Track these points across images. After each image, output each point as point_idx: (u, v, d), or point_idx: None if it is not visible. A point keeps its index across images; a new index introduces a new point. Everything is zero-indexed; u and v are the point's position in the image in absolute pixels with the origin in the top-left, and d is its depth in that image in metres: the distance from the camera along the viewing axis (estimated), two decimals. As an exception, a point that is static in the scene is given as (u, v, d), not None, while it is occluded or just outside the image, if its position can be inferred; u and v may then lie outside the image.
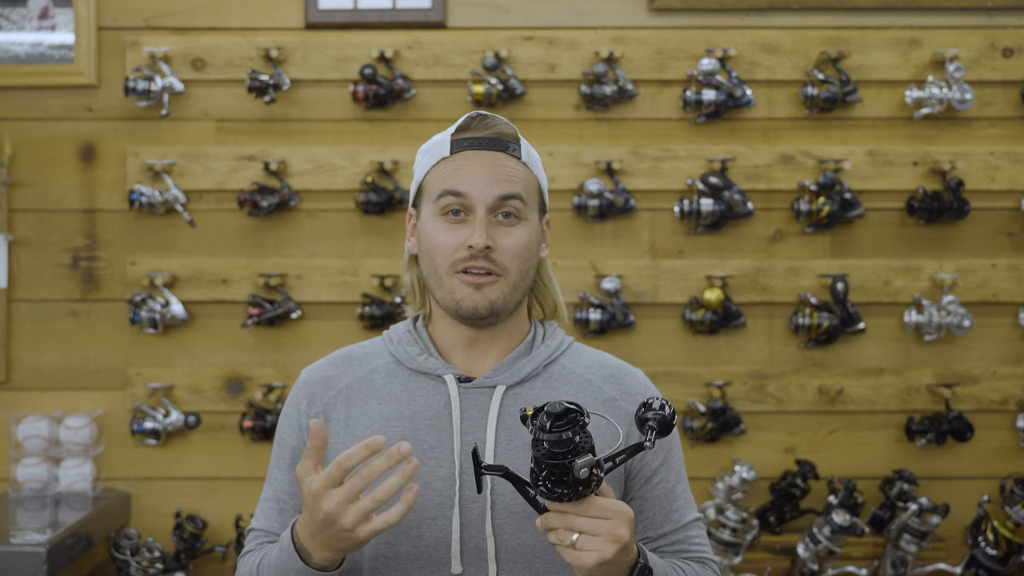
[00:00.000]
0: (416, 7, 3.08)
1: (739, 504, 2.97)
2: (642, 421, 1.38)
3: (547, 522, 1.34)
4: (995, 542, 2.81)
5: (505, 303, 1.56)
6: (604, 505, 1.33)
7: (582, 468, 1.29)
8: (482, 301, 1.54)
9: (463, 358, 1.61)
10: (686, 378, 3.08)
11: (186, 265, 3.07)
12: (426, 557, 1.51)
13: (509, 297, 1.56)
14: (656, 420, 1.37)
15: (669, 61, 3.09)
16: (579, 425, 1.30)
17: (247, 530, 1.65)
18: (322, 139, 3.10)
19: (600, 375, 1.63)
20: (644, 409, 1.39)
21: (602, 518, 1.33)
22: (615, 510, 1.34)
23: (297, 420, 1.62)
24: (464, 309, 1.55)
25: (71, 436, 2.99)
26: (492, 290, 1.54)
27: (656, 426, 1.37)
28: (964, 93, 3.02)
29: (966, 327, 3.01)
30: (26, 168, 3.10)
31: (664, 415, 1.37)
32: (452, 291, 1.55)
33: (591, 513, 1.33)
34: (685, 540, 1.60)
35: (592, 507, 1.33)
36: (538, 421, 1.31)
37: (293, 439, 1.62)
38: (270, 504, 1.63)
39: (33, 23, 3.08)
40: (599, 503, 1.33)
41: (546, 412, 1.30)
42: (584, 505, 1.33)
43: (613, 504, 1.34)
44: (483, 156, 1.58)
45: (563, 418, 1.30)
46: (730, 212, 3.03)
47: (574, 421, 1.30)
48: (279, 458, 1.64)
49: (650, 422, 1.37)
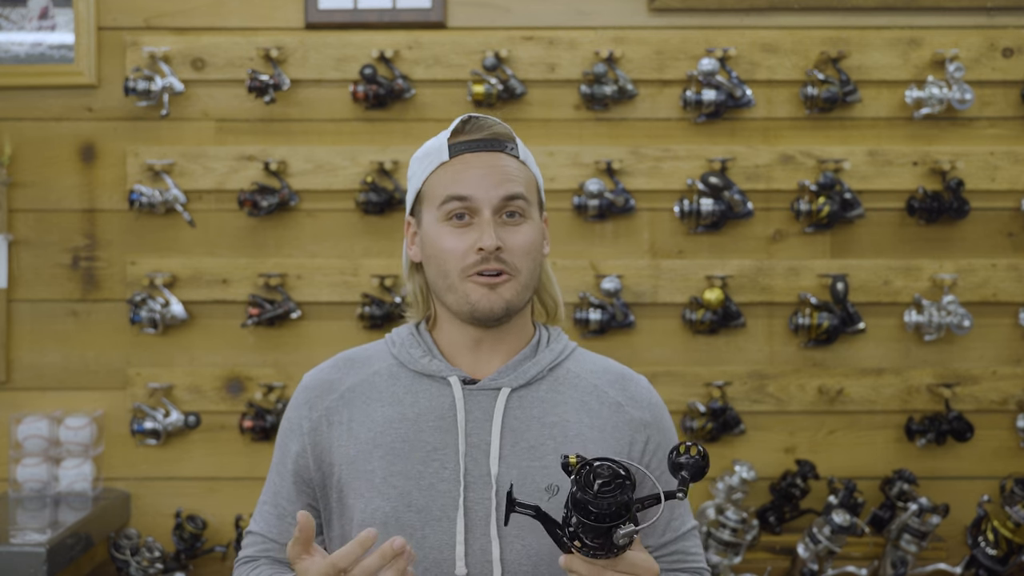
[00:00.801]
0: (416, 7, 3.08)
1: (739, 504, 2.97)
2: (676, 467, 1.35)
3: (572, 565, 1.33)
4: (995, 542, 2.81)
5: (519, 301, 1.57)
6: (635, 562, 1.32)
7: (623, 537, 1.28)
8: (498, 301, 1.54)
9: (468, 361, 1.61)
10: (686, 378, 3.08)
11: (186, 265, 3.07)
12: (431, 559, 1.51)
13: (521, 295, 1.57)
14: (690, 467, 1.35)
15: (669, 61, 3.09)
16: (625, 489, 1.27)
17: (245, 532, 1.65)
18: (322, 139, 3.10)
19: (605, 380, 1.63)
20: (676, 454, 1.36)
21: (632, 574, 1.32)
22: (644, 567, 1.33)
23: (299, 425, 1.62)
24: (480, 311, 1.54)
25: (71, 436, 2.99)
26: (506, 289, 1.55)
27: (689, 474, 1.34)
28: (964, 93, 3.02)
29: (966, 327, 3.01)
30: (26, 168, 3.10)
31: (697, 460, 1.35)
32: (467, 295, 1.55)
33: (620, 568, 1.32)
34: (683, 550, 1.61)
35: (622, 563, 1.32)
36: (582, 479, 1.28)
37: (295, 445, 1.61)
38: (269, 509, 1.63)
39: (33, 23, 3.08)
40: (629, 559, 1.32)
41: (595, 473, 1.28)
42: (617, 560, 1.31)
43: (643, 560, 1.33)
44: (482, 158, 1.57)
45: (611, 483, 1.27)
46: (730, 212, 3.03)
47: (621, 487, 1.27)
48: (280, 463, 1.63)
49: (683, 470, 1.35)
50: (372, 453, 1.55)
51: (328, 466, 1.58)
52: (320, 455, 1.59)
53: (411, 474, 1.52)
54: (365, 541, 1.33)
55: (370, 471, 1.54)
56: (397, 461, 1.53)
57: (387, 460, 1.54)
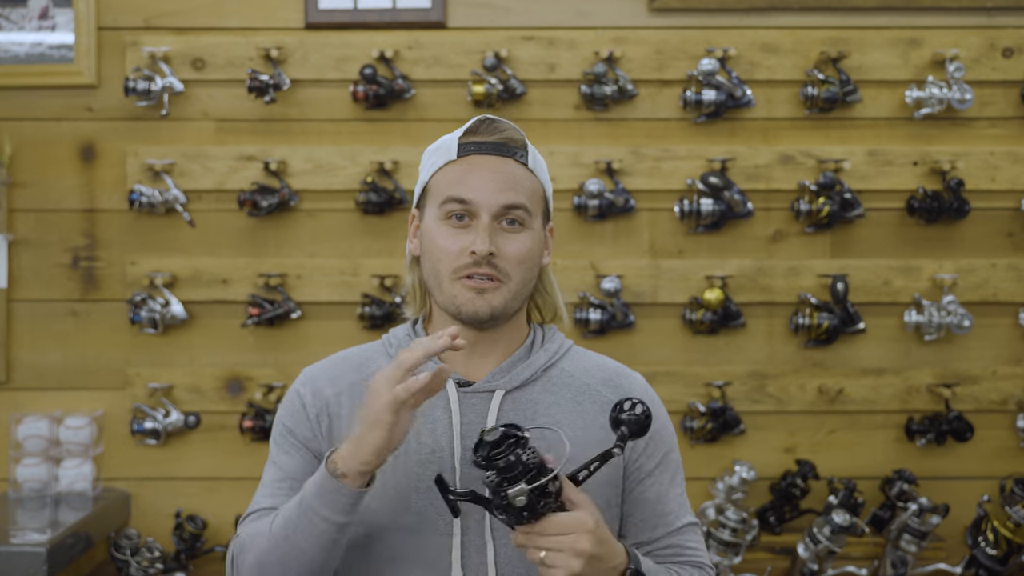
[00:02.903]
0: (416, 7, 3.08)
1: (739, 504, 2.97)
2: (616, 423, 1.38)
3: (517, 540, 1.37)
4: (995, 542, 2.81)
5: (506, 309, 1.56)
6: (561, 521, 1.34)
7: (518, 497, 1.30)
8: (483, 306, 1.54)
9: (463, 362, 1.60)
10: (686, 378, 3.08)
11: (186, 265, 3.07)
12: (427, 562, 1.51)
13: (510, 304, 1.56)
14: (629, 423, 1.37)
15: (669, 61, 3.09)
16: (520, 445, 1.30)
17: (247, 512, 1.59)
18: (322, 139, 3.10)
19: (599, 378, 1.63)
20: (618, 410, 1.38)
21: (562, 534, 1.34)
22: (574, 524, 1.34)
23: (303, 410, 1.59)
24: (465, 313, 1.54)
25: (71, 436, 2.99)
26: (494, 296, 1.54)
27: (628, 430, 1.37)
28: (964, 93, 3.02)
29: (966, 327, 3.01)
30: (26, 168, 3.10)
31: (638, 416, 1.37)
32: (453, 296, 1.54)
33: (550, 531, 1.34)
34: (679, 544, 1.60)
35: (551, 525, 1.34)
36: (481, 452, 1.32)
37: (301, 428, 1.58)
38: (280, 485, 1.57)
39: (33, 23, 3.08)
40: (555, 520, 1.34)
41: (483, 442, 1.31)
42: (543, 524, 1.34)
43: (570, 518, 1.35)
44: (490, 161, 1.57)
45: (500, 444, 1.30)
46: (730, 212, 3.03)
47: (513, 444, 1.30)
48: (285, 444, 1.59)
49: (623, 425, 1.37)
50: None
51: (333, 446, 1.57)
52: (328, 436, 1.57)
53: (408, 476, 1.52)
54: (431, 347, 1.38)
55: (368, 473, 1.53)
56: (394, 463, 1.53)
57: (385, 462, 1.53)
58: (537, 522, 1.33)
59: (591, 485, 1.43)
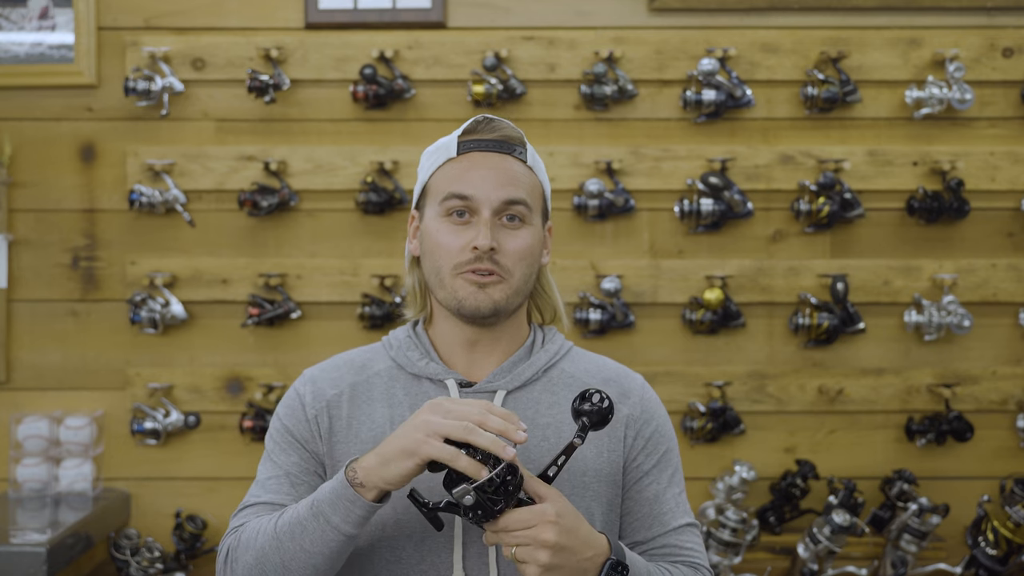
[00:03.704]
0: (416, 7, 3.08)
1: (739, 504, 2.97)
2: (577, 413, 1.38)
3: (488, 539, 1.38)
4: (995, 542, 2.81)
5: (507, 304, 1.56)
6: (520, 516, 1.35)
7: (464, 496, 1.32)
8: (485, 300, 1.54)
9: (464, 361, 1.61)
10: (686, 378, 3.08)
11: (186, 265, 3.07)
12: (428, 561, 1.51)
13: (511, 299, 1.56)
14: (590, 413, 1.37)
15: (669, 61, 3.09)
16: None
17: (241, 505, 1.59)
18: (322, 139, 3.10)
19: (600, 379, 1.63)
20: (580, 401, 1.39)
21: (524, 528, 1.35)
22: (533, 516, 1.35)
23: (302, 410, 1.59)
24: (467, 309, 1.54)
25: (71, 436, 2.99)
26: (495, 290, 1.54)
27: (588, 420, 1.37)
28: (964, 93, 3.02)
29: (966, 327, 3.01)
30: (26, 168, 3.10)
31: (600, 407, 1.37)
32: (455, 291, 1.55)
33: (512, 526, 1.35)
34: (675, 544, 1.59)
35: (512, 520, 1.35)
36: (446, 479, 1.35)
37: (300, 428, 1.58)
38: (278, 480, 1.57)
39: (33, 23, 3.08)
40: (515, 515, 1.35)
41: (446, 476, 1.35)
42: (505, 520, 1.35)
43: (528, 511, 1.36)
44: (489, 158, 1.58)
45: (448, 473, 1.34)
46: (730, 212, 3.03)
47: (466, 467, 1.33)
48: (283, 442, 1.59)
49: (584, 416, 1.37)
50: (371, 453, 1.54)
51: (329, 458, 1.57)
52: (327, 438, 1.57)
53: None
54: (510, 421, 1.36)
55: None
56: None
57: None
58: (499, 519, 1.35)
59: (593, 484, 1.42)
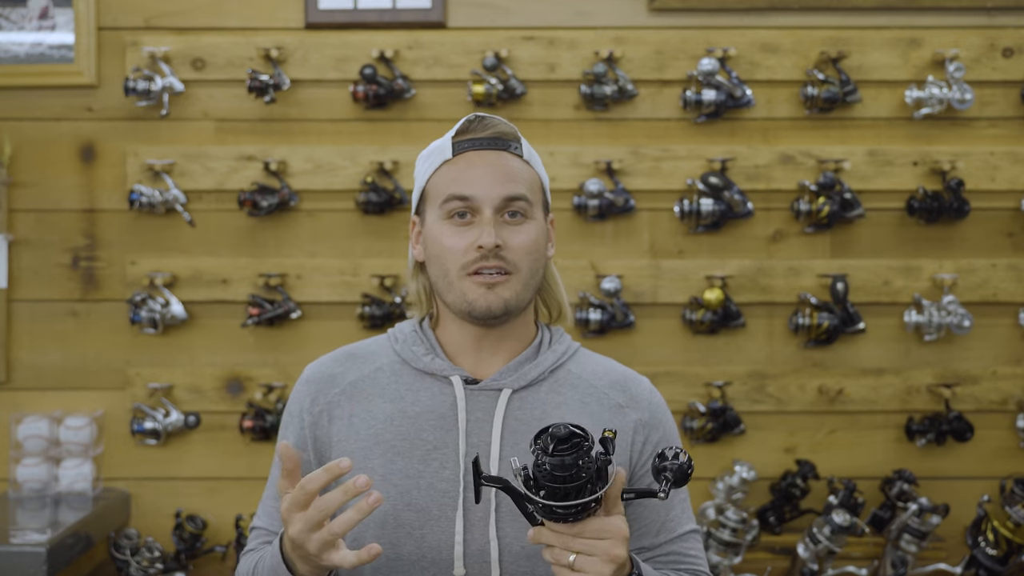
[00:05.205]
0: (416, 7, 3.08)
1: (739, 504, 2.97)
2: (658, 471, 1.35)
3: (541, 537, 1.32)
4: (995, 542, 2.81)
5: (518, 301, 1.56)
6: (601, 526, 1.31)
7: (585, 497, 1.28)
8: (496, 300, 1.54)
9: (470, 360, 1.61)
10: (686, 378, 3.08)
11: (186, 265, 3.07)
12: (429, 559, 1.51)
13: (522, 295, 1.56)
14: (673, 470, 1.34)
15: (669, 61, 3.09)
16: (582, 450, 1.27)
17: (250, 528, 1.65)
18: (322, 139, 3.10)
19: (607, 381, 1.63)
20: (660, 459, 1.35)
21: (599, 539, 1.31)
22: (611, 530, 1.31)
23: (300, 418, 1.62)
24: (478, 310, 1.54)
25: (71, 436, 2.99)
26: (505, 289, 1.54)
27: (672, 477, 1.34)
28: (964, 93, 3.02)
29: (966, 327, 3.01)
30: (26, 168, 3.10)
31: (681, 464, 1.34)
32: (464, 293, 1.54)
33: (587, 534, 1.30)
34: (680, 551, 1.60)
35: (589, 528, 1.30)
36: (541, 442, 1.28)
37: (295, 437, 1.61)
38: (271, 503, 1.63)
39: (33, 23, 3.08)
40: (596, 524, 1.31)
41: (550, 434, 1.28)
42: (581, 526, 1.30)
43: (610, 524, 1.32)
44: (486, 156, 1.57)
45: (567, 442, 1.27)
46: (730, 212, 3.03)
47: (578, 446, 1.27)
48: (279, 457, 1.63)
49: (666, 472, 1.34)
50: (372, 450, 1.55)
51: (328, 460, 1.58)
52: (320, 449, 1.59)
53: (411, 473, 1.52)
54: (333, 469, 1.32)
55: (370, 468, 1.53)
56: (397, 459, 1.53)
57: (387, 458, 1.54)
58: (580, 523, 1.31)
59: None
